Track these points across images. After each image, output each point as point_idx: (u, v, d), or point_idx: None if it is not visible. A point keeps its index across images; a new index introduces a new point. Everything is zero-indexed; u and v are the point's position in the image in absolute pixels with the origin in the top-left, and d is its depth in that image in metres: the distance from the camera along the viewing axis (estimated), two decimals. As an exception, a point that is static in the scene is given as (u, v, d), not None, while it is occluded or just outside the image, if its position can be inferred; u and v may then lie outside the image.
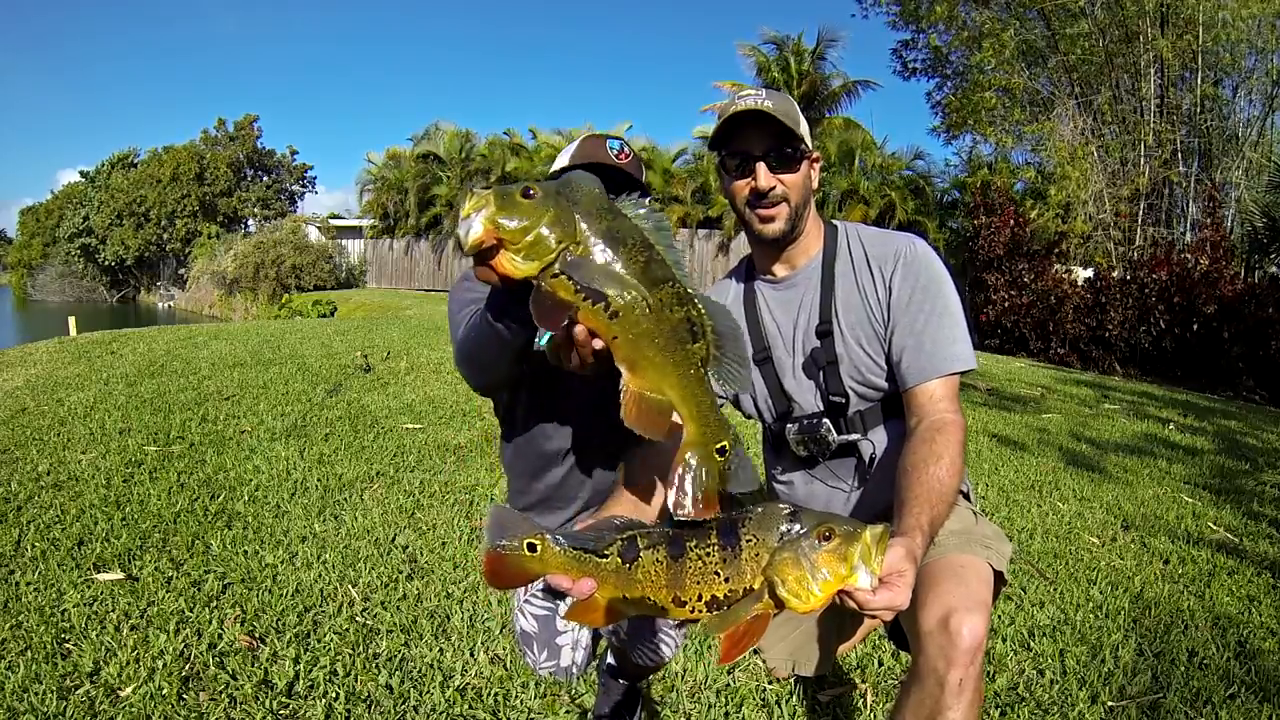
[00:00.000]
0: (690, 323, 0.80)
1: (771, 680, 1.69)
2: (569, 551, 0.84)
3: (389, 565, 2.20)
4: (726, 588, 0.81)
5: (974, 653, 1.00)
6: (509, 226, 0.75)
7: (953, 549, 1.21)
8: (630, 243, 0.78)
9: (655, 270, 0.78)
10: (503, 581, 0.87)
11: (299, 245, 21.43)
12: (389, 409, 4.20)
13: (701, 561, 0.82)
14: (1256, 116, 11.85)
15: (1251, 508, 3.17)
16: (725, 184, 1.38)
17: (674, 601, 0.83)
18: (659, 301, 0.78)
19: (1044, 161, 13.02)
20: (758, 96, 1.28)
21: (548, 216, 0.76)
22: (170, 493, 2.71)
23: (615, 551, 0.84)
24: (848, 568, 0.80)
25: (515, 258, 0.76)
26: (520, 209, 0.75)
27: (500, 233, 0.75)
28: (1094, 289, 9.59)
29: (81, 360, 5.61)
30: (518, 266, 0.76)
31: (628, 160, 1.45)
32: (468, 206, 0.76)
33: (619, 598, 0.84)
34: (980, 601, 1.07)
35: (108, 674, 1.60)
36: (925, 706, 1.03)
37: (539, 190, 0.77)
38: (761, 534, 0.82)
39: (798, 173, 1.32)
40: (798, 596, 0.80)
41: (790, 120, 1.27)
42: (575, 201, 0.78)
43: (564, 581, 0.84)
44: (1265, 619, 2.11)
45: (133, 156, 32.58)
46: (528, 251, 0.75)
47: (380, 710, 1.54)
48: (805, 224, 1.38)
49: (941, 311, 1.29)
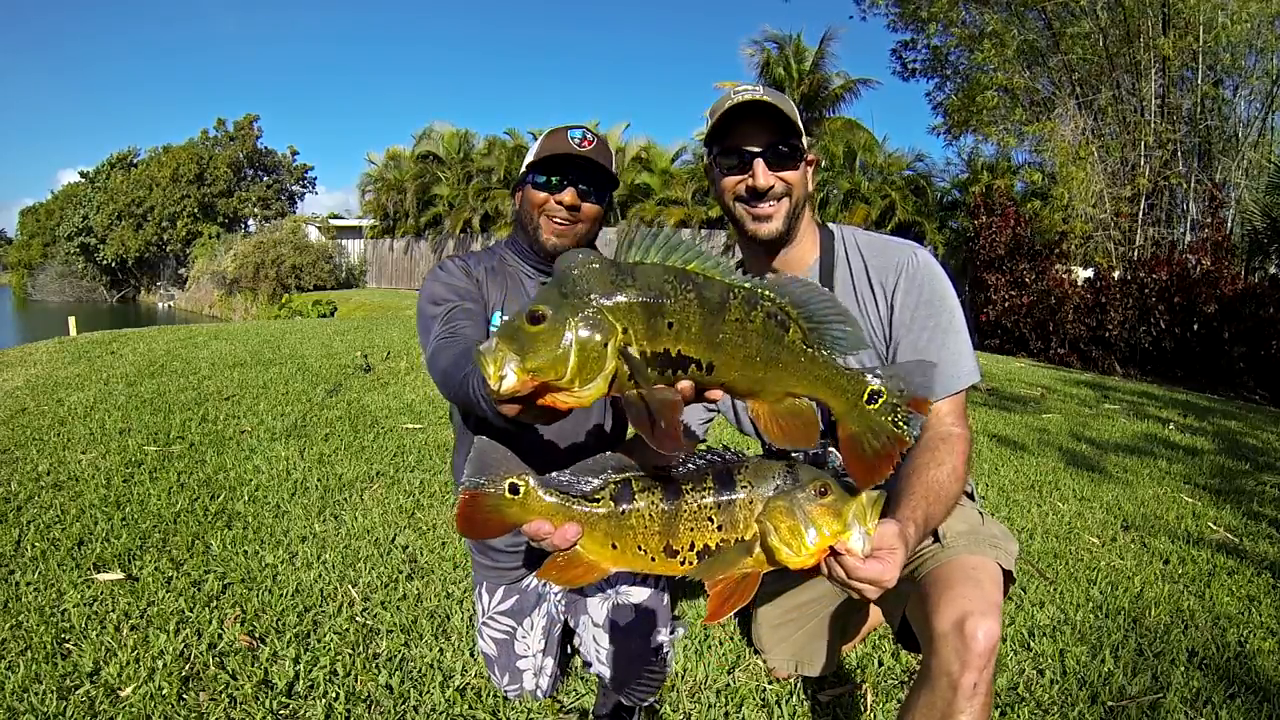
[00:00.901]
0: (771, 318, 0.72)
1: (771, 680, 1.69)
2: (555, 495, 0.78)
3: (389, 565, 2.20)
4: (720, 536, 0.79)
5: (988, 656, 1.00)
6: (548, 366, 0.64)
7: (963, 550, 1.20)
8: (669, 287, 0.67)
9: (710, 295, 0.69)
10: (476, 529, 0.78)
11: (299, 245, 21.44)
12: (389, 409, 4.20)
13: (697, 507, 0.79)
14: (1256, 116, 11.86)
15: (1251, 508, 3.16)
16: (716, 181, 1.31)
17: (665, 550, 0.79)
18: (736, 322, 0.70)
19: (1045, 161, 13.02)
20: (756, 89, 1.23)
21: (576, 326, 0.64)
22: (170, 493, 2.71)
23: (608, 495, 0.79)
24: (841, 524, 0.78)
25: (572, 390, 0.66)
26: (543, 339, 0.64)
27: (542, 378, 0.64)
28: (1094, 289, 9.58)
29: (81, 360, 5.61)
30: (582, 396, 0.66)
31: (591, 147, 1.40)
32: (490, 368, 0.64)
33: (606, 547, 0.79)
34: (994, 604, 1.07)
35: (108, 674, 1.60)
36: (937, 709, 1.02)
37: (545, 306, 0.65)
38: (758, 482, 0.80)
39: (797, 171, 1.26)
40: (789, 547, 0.77)
41: (790, 113, 1.22)
42: (586, 290, 0.66)
43: (544, 527, 0.77)
44: (1265, 619, 2.10)
45: (132, 156, 32.59)
46: (582, 377, 0.65)
47: (380, 710, 1.54)
48: (801, 226, 1.33)
49: (946, 328, 1.24)
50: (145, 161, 31.83)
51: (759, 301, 0.72)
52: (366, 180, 21.63)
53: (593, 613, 1.46)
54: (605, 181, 1.43)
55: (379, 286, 21.73)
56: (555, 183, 1.39)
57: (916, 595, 1.17)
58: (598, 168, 1.40)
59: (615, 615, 1.46)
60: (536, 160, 1.40)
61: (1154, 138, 11.97)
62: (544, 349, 0.64)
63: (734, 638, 1.87)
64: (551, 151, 1.38)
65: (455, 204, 19.45)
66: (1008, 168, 13.88)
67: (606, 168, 1.41)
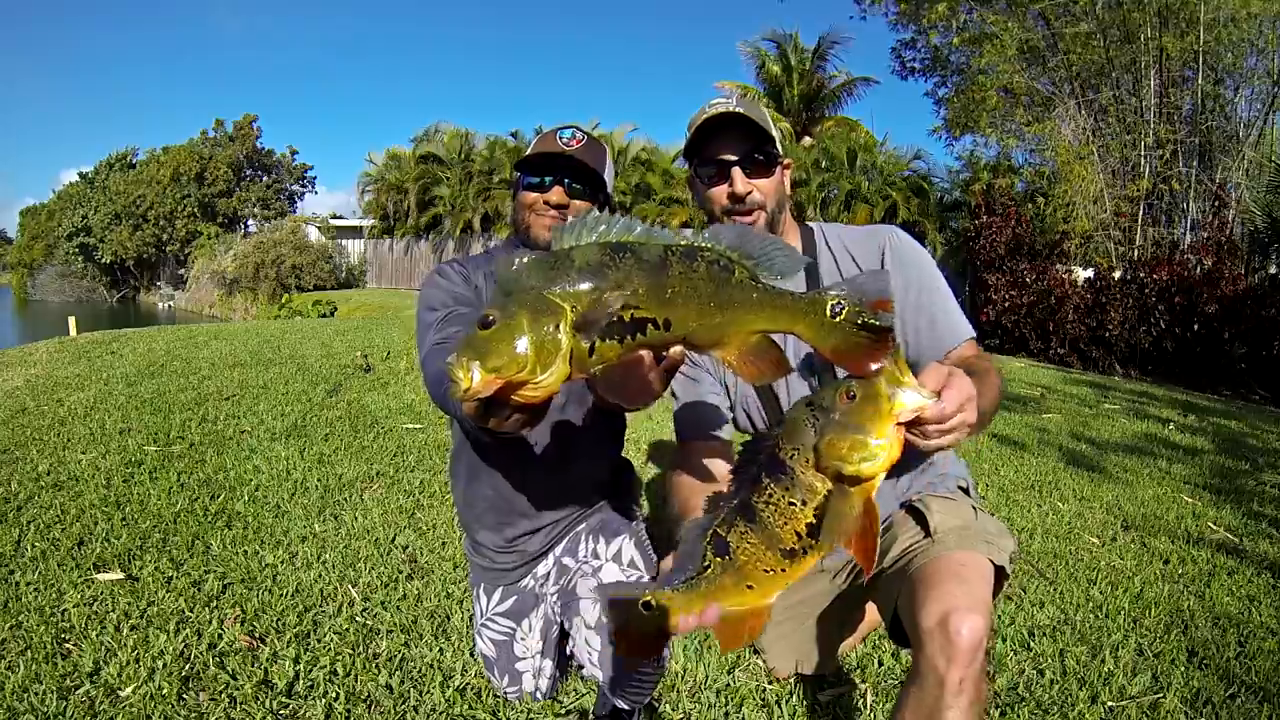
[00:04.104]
0: (714, 264, 0.73)
1: (771, 680, 1.69)
2: (679, 589, 0.82)
3: (389, 565, 2.20)
4: (810, 509, 0.77)
5: (974, 652, 1.00)
6: (508, 362, 0.66)
7: (953, 545, 1.20)
8: (606, 259, 0.70)
9: (649, 256, 0.71)
10: (644, 653, 0.85)
11: (299, 245, 21.43)
12: (389, 409, 4.20)
13: (775, 506, 0.78)
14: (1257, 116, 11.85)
15: (1252, 508, 3.16)
16: (699, 194, 1.37)
17: (785, 556, 0.79)
18: (680, 275, 0.71)
19: (1045, 161, 13.02)
20: (728, 102, 1.28)
21: (524, 318, 0.66)
22: (170, 493, 2.71)
23: (710, 555, 0.81)
24: (887, 400, 0.75)
25: (535, 379, 0.67)
26: (497, 339, 0.66)
27: (506, 375, 0.66)
28: (1094, 289, 9.58)
29: (81, 360, 5.61)
30: (545, 383, 0.67)
31: (579, 145, 1.41)
32: (460, 377, 0.66)
33: (744, 592, 0.81)
34: (980, 600, 1.06)
35: (108, 674, 1.60)
36: (925, 706, 1.02)
37: (494, 309, 0.68)
38: (799, 442, 0.78)
39: (772, 177, 1.32)
40: (866, 459, 0.74)
41: (763, 123, 1.28)
42: (527, 283, 0.68)
43: (691, 620, 0.82)
44: (1265, 619, 2.10)
45: (130, 157, 32.59)
46: (542, 363, 0.67)
47: (380, 710, 1.54)
48: (781, 229, 1.37)
49: (945, 293, 1.32)
50: (144, 162, 31.84)
51: (698, 253, 0.73)
52: (366, 180, 21.62)
53: (585, 615, 1.43)
54: (594, 179, 1.44)
55: (379, 287, 21.73)
56: (543, 182, 1.41)
57: (905, 592, 1.18)
58: (585, 165, 1.41)
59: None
60: (525, 160, 1.42)
61: (1154, 138, 11.97)
62: (500, 347, 0.66)
63: (734, 638, 1.87)
64: (539, 150, 1.40)
65: (456, 204, 19.45)
66: (1008, 167, 13.88)
67: (592, 165, 1.41)
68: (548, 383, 0.67)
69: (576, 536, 1.54)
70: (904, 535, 1.31)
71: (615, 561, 1.49)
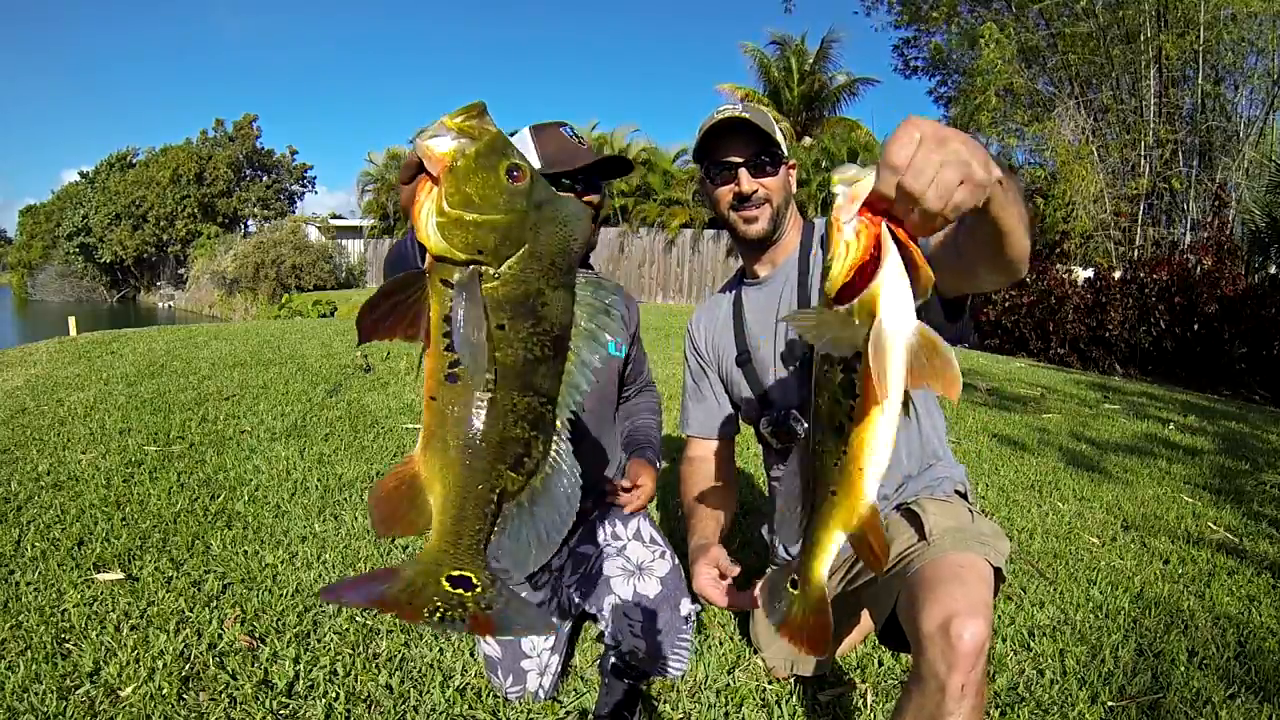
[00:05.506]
0: (525, 449, 0.64)
1: (771, 680, 1.69)
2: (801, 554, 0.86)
3: (382, 562, 2.19)
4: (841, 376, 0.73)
5: (976, 657, 1.00)
6: (461, 186, 0.58)
7: (949, 547, 1.20)
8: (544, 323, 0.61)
9: (539, 374, 0.62)
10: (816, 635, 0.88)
11: (299, 245, 21.42)
12: (389, 409, 4.19)
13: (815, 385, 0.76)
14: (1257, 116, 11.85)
15: (1252, 508, 3.16)
16: (708, 192, 1.47)
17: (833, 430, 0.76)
18: (504, 404, 0.62)
19: (1045, 161, 13.03)
20: (735, 108, 1.38)
21: (506, 219, 0.59)
22: (170, 493, 2.71)
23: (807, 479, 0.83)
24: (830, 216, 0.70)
25: (435, 212, 0.59)
26: (490, 183, 0.59)
27: (447, 182, 0.58)
28: (1094, 289, 9.57)
29: (81, 360, 5.61)
30: (424, 226, 0.60)
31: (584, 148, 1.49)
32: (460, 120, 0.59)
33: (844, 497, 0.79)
34: (981, 603, 1.06)
35: (108, 674, 1.60)
36: (926, 711, 1.02)
37: (525, 182, 0.60)
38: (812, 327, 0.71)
39: (777, 176, 1.42)
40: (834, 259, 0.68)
41: (768, 128, 1.38)
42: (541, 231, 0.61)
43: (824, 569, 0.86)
44: (1265, 619, 2.10)
45: (130, 157, 32.56)
46: (448, 226, 0.59)
47: (380, 710, 1.54)
48: (787, 225, 1.48)
49: None
50: (144, 162, 31.81)
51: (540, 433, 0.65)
52: (366, 179, 21.61)
53: (618, 591, 1.50)
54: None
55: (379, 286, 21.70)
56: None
57: (904, 595, 1.17)
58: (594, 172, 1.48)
59: (643, 590, 1.49)
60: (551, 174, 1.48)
61: (1154, 137, 11.97)
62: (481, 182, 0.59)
63: (734, 638, 1.87)
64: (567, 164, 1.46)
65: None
66: (1009, 167, 13.87)
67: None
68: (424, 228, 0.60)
69: (591, 525, 1.61)
70: (899, 538, 1.31)
71: (637, 539, 1.59)
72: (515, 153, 0.60)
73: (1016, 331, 10.16)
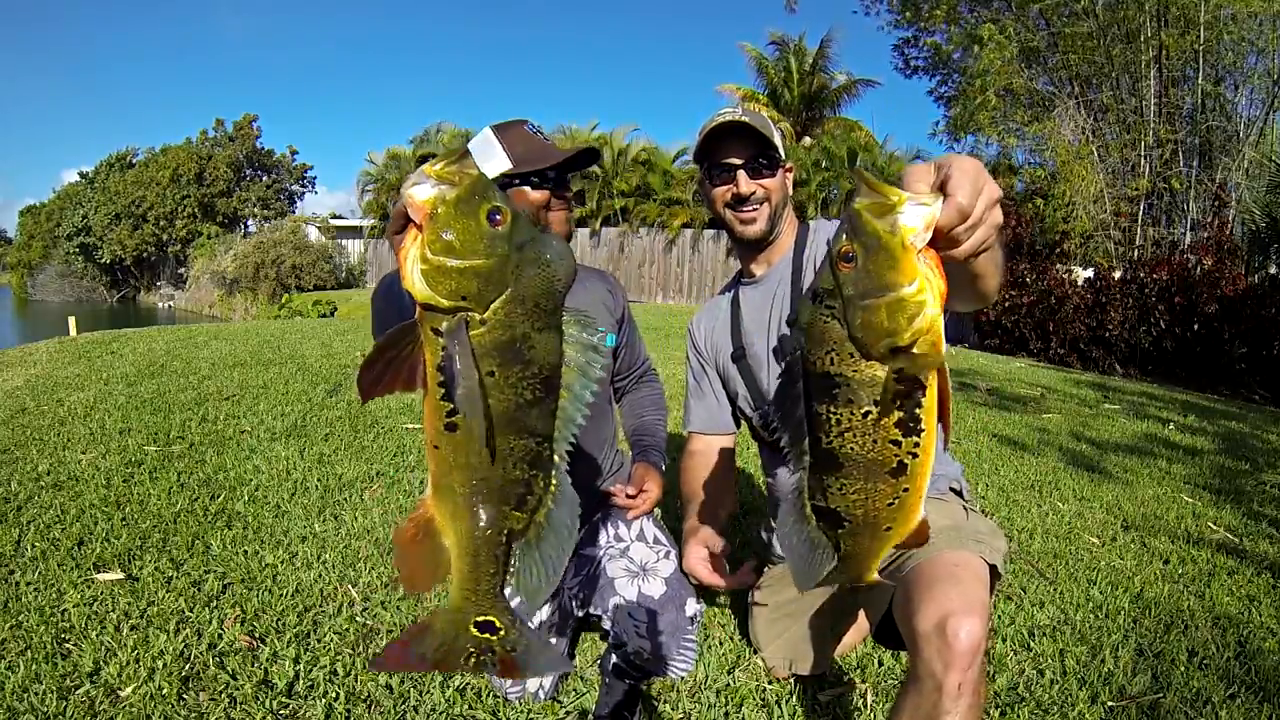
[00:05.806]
0: (527, 488, 0.65)
1: (771, 680, 1.69)
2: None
3: (389, 565, 2.20)
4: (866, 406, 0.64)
5: (972, 656, 0.99)
6: (442, 233, 0.58)
7: (944, 546, 1.20)
8: (533, 365, 0.61)
9: (533, 416, 0.63)
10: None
11: (299, 245, 21.40)
12: (389, 409, 4.19)
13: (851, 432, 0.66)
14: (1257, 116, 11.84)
15: (1252, 508, 3.16)
16: (706, 192, 1.51)
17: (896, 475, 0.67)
18: (503, 450, 0.63)
19: (1045, 161, 13.01)
20: (735, 112, 1.42)
21: (487, 264, 0.58)
22: (170, 493, 2.71)
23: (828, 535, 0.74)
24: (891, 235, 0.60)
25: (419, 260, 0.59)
26: (470, 229, 0.58)
27: (429, 229, 0.58)
28: (1094, 289, 9.57)
29: (81, 360, 5.61)
30: (410, 274, 0.59)
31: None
32: (440, 167, 0.59)
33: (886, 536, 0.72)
34: (977, 602, 1.06)
35: (108, 674, 1.60)
36: (923, 710, 1.02)
37: (506, 225, 0.59)
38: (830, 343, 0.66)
39: (775, 178, 1.46)
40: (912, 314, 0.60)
41: (766, 131, 1.41)
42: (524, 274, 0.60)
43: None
44: (1265, 619, 2.10)
45: (130, 157, 32.55)
46: (432, 274, 0.59)
47: (380, 710, 1.54)
48: (783, 226, 1.51)
49: None
50: (144, 162, 31.80)
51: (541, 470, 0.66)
52: (366, 180, 21.59)
53: (623, 592, 1.51)
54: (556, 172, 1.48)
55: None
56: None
57: (899, 595, 1.17)
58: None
59: (647, 591, 1.50)
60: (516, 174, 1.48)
61: (1154, 137, 11.97)
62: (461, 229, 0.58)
63: (734, 638, 1.87)
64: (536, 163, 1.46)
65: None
66: (1008, 167, 13.87)
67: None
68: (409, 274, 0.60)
69: (594, 527, 1.61)
70: None
71: (641, 540, 1.60)
72: (496, 195, 0.60)
73: (1016, 331, 10.15)
